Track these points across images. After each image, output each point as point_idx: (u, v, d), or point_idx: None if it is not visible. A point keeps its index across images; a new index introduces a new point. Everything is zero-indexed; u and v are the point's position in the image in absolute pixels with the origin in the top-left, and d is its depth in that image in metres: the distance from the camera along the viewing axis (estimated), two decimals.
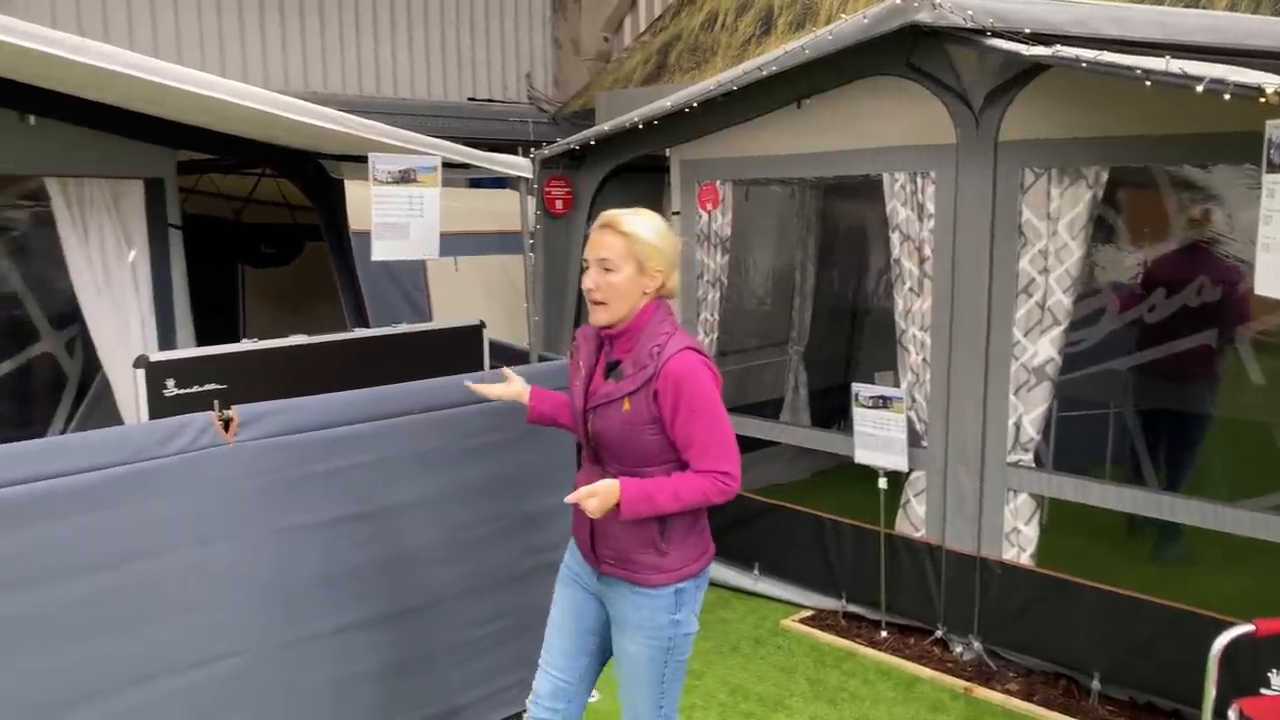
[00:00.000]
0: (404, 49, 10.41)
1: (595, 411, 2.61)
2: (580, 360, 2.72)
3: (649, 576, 2.63)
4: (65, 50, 2.95)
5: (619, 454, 2.60)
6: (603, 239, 2.58)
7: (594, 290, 2.57)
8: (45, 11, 8.04)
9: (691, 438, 2.52)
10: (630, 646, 2.73)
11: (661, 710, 2.79)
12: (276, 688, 3.09)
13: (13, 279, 6.49)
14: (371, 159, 3.47)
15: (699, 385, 2.51)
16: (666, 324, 2.60)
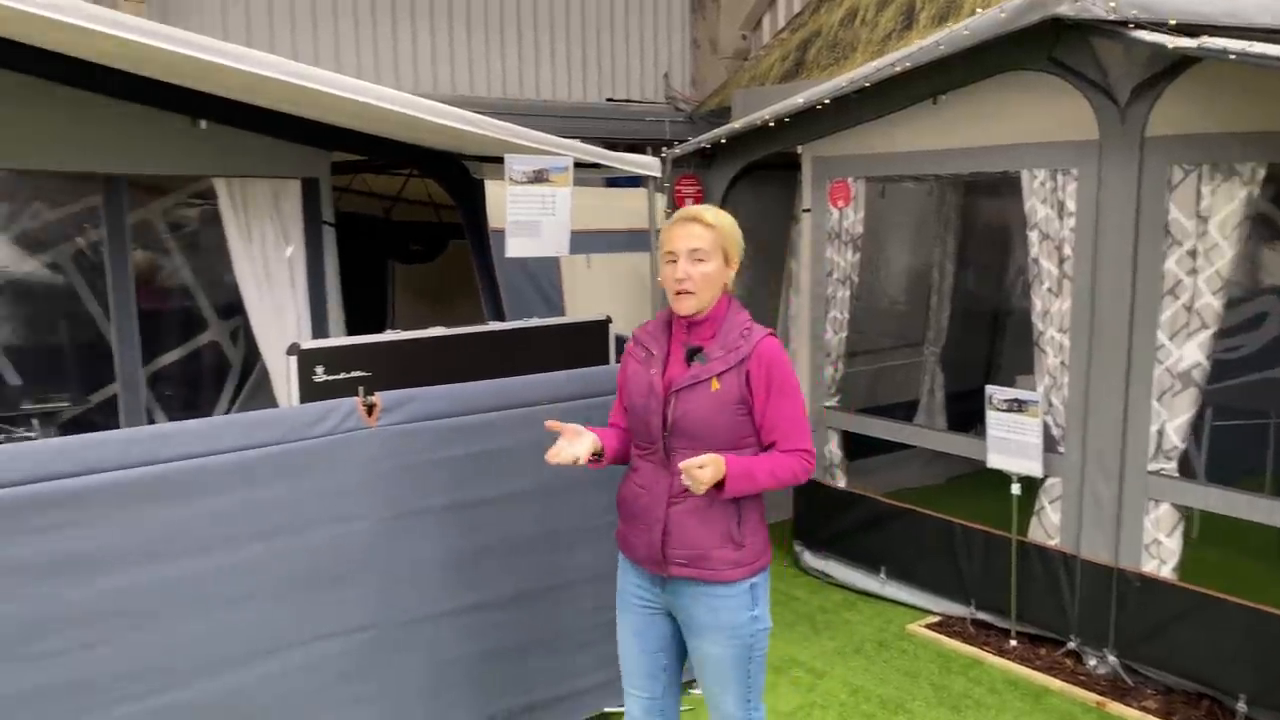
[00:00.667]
0: (546, 53, 10.68)
1: (679, 395, 2.61)
2: (652, 351, 2.73)
3: (725, 573, 2.63)
4: (232, 60, 3.20)
5: (697, 437, 2.59)
6: (691, 231, 2.64)
7: (685, 280, 2.61)
8: (217, 23, 8.62)
9: (781, 417, 2.61)
10: (712, 650, 2.71)
11: (749, 703, 2.79)
12: (404, 662, 3.27)
13: (184, 273, 7.00)
14: (507, 160, 3.61)
15: (787, 367, 2.64)
16: (744, 313, 2.70)
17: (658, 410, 2.64)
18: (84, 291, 6.63)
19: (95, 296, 6.60)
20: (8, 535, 2.54)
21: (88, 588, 2.67)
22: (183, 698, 2.85)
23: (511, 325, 3.97)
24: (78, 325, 6.61)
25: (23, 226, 6.39)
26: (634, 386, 2.73)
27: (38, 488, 2.58)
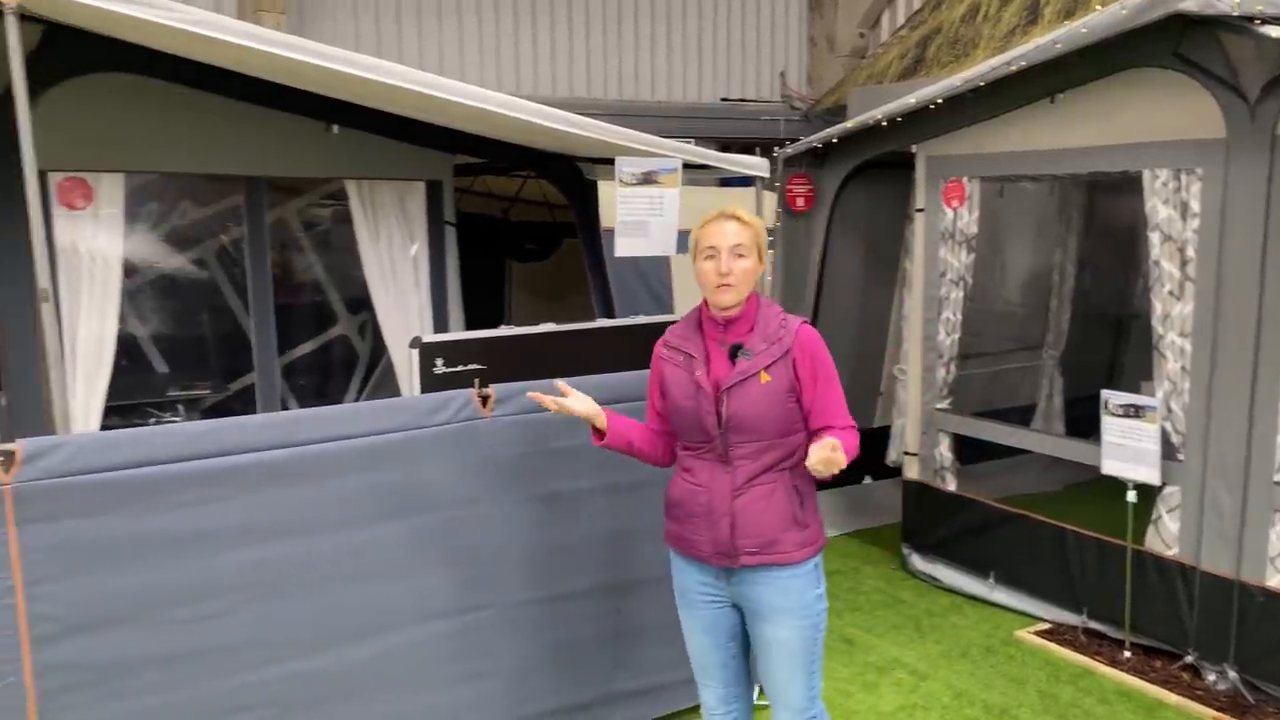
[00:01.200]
0: (661, 53, 10.80)
1: (730, 392, 2.66)
2: (690, 353, 2.76)
3: (794, 554, 2.71)
4: (366, 71, 3.40)
5: (754, 430, 2.65)
6: (728, 228, 2.72)
7: (729, 275, 2.67)
8: (349, 29, 9.03)
9: (829, 399, 2.72)
10: (782, 632, 2.75)
11: (813, 692, 2.83)
12: (506, 644, 3.41)
13: (317, 269, 7.38)
14: (618, 162, 3.73)
15: (827, 353, 2.75)
16: (775, 305, 2.80)
17: (710, 410, 2.68)
18: (225, 286, 7.07)
19: (235, 291, 7.03)
20: (157, 509, 2.78)
21: (226, 560, 2.89)
22: (307, 667, 3.06)
23: (619, 322, 4.09)
24: (219, 318, 7.04)
25: (172, 224, 6.84)
26: (679, 390, 2.75)
27: (185, 466, 2.82)
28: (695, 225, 2.84)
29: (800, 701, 2.82)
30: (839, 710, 3.99)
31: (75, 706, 2.72)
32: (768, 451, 2.68)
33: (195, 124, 4.45)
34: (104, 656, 2.74)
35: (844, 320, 6.19)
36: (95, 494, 2.69)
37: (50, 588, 2.66)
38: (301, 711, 3.06)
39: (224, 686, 2.92)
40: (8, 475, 2.58)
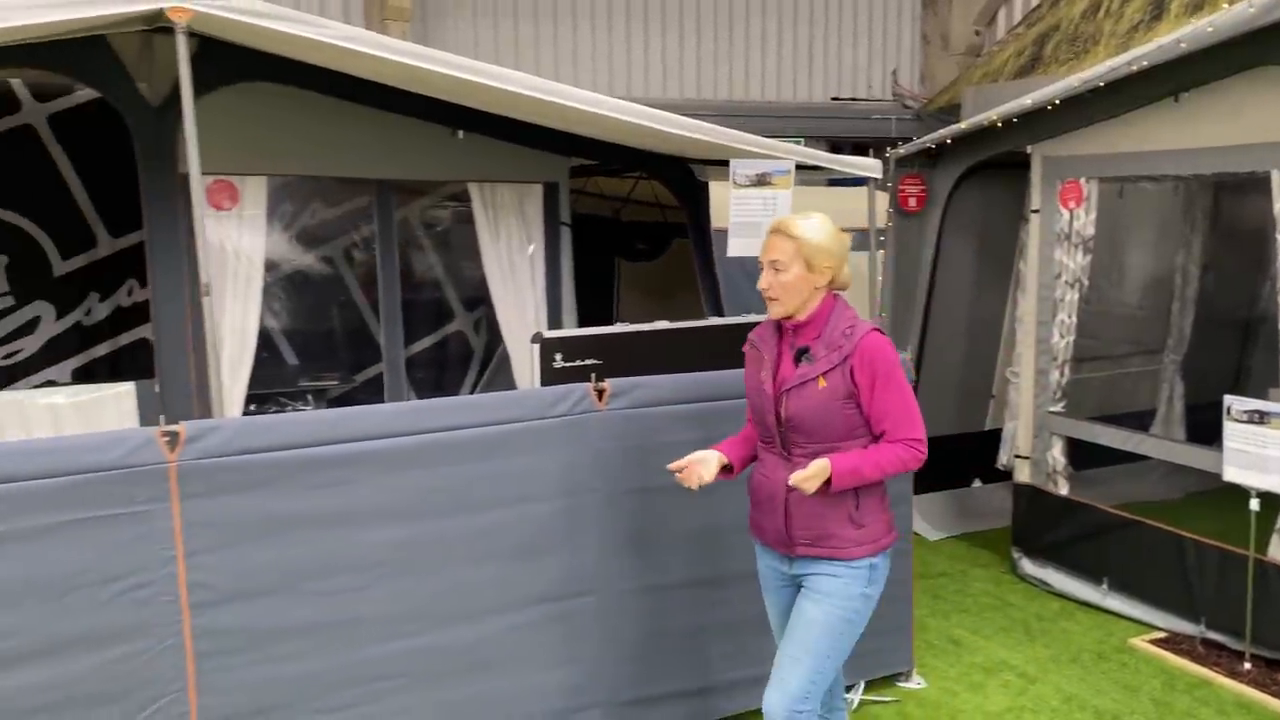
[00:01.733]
0: (772, 54, 10.83)
1: (789, 394, 2.77)
2: (763, 354, 2.89)
3: (848, 550, 2.78)
4: (490, 79, 3.58)
5: (812, 432, 2.75)
6: (774, 242, 2.80)
7: (767, 289, 2.78)
8: (468, 36, 9.34)
9: (887, 409, 2.73)
10: (813, 610, 2.83)
11: (813, 686, 2.84)
12: (616, 629, 3.54)
13: (436, 268, 7.69)
14: (732, 164, 3.83)
15: (891, 360, 2.75)
16: (849, 311, 2.83)
17: (771, 409, 2.81)
18: (351, 283, 7.42)
19: (361, 288, 7.38)
20: (300, 489, 3.01)
21: (362, 538, 3.10)
22: (431, 642, 3.25)
23: (730, 320, 4.18)
24: (346, 313, 7.41)
25: (302, 224, 7.21)
26: (751, 386, 2.91)
27: (325, 449, 3.03)
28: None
29: (795, 688, 2.82)
30: (945, 709, 4.01)
31: (228, 669, 2.96)
32: (826, 452, 2.74)
33: (331, 129, 4.72)
34: (254, 623, 2.97)
35: (955, 322, 6.15)
36: (247, 473, 2.92)
37: (207, 558, 2.90)
38: (426, 683, 3.25)
39: (359, 656, 3.13)
40: (173, 454, 2.82)
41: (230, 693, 2.97)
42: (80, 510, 2.74)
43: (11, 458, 2.71)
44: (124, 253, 6.84)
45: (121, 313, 6.89)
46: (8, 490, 2.66)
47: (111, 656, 2.82)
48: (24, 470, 2.68)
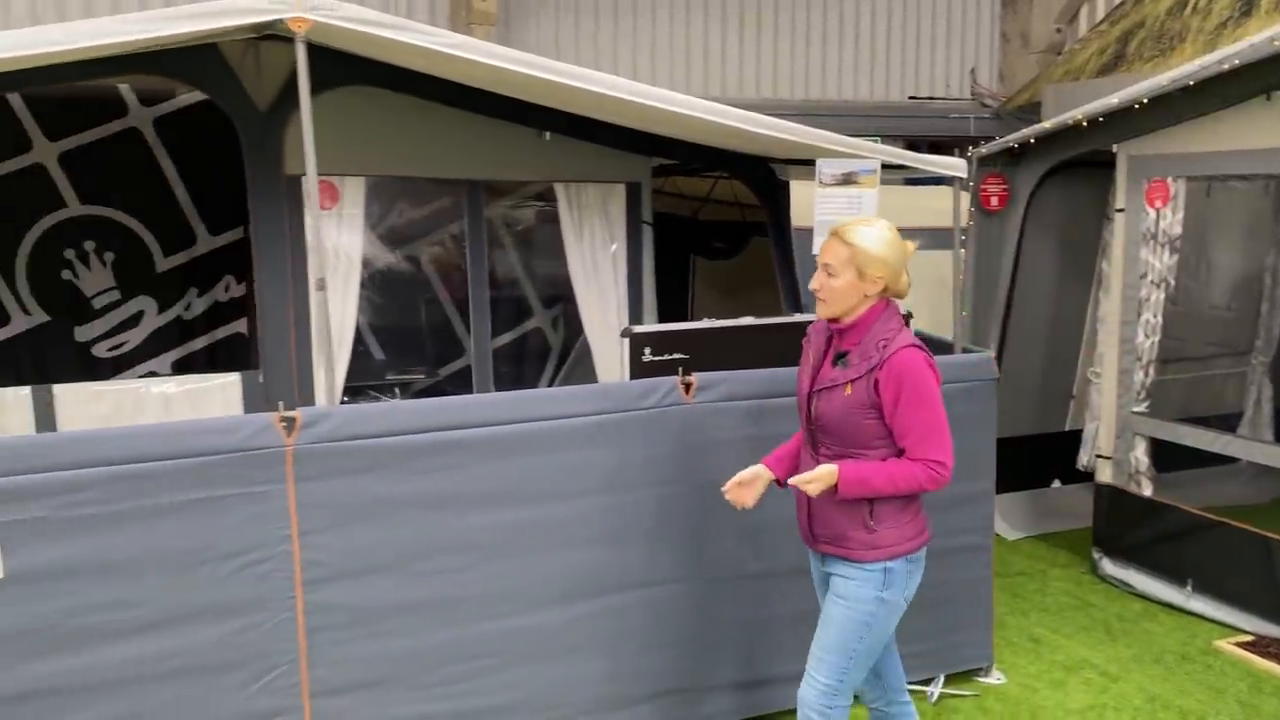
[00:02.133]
0: (849, 52, 10.82)
1: (819, 394, 2.86)
2: (810, 351, 2.97)
3: (860, 553, 2.85)
4: (583, 82, 3.69)
5: (835, 435, 2.83)
6: (830, 246, 2.84)
7: (818, 290, 2.85)
8: (550, 37, 9.51)
9: (909, 427, 2.75)
10: (832, 611, 2.92)
11: (841, 685, 2.90)
12: (697, 617, 3.64)
13: (516, 266, 7.88)
14: (819, 164, 3.90)
15: (919, 379, 2.75)
16: (893, 322, 2.83)
17: (804, 406, 2.93)
18: (435, 281, 7.65)
19: (444, 285, 7.60)
20: (404, 474, 3.16)
21: (462, 521, 3.25)
22: (526, 623, 3.38)
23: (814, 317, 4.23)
24: (430, 310, 7.64)
25: (390, 224, 7.45)
26: (797, 380, 3.02)
27: (429, 436, 3.18)
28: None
29: (823, 684, 2.91)
30: (1025, 705, 4.03)
31: (337, 643, 3.13)
32: (848, 456, 2.81)
33: (425, 132, 4.90)
34: (361, 601, 3.14)
35: (1036, 321, 6.13)
36: (357, 458, 3.09)
37: (319, 538, 3.07)
38: (520, 663, 3.39)
39: (458, 635, 3.28)
40: (290, 438, 3.00)
41: (339, 666, 3.14)
42: (204, 490, 2.93)
43: (142, 439, 2.91)
44: (221, 250, 7.15)
45: (218, 307, 7.19)
46: (139, 470, 2.85)
47: (230, 628, 3.00)
48: (154, 451, 2.88)
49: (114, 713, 2.90)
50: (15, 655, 2.78)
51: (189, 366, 6.83)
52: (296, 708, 3.11)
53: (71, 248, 6.78)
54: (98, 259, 6.87)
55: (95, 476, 2.80)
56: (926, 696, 4.06)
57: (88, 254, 6.84)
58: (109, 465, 2.82)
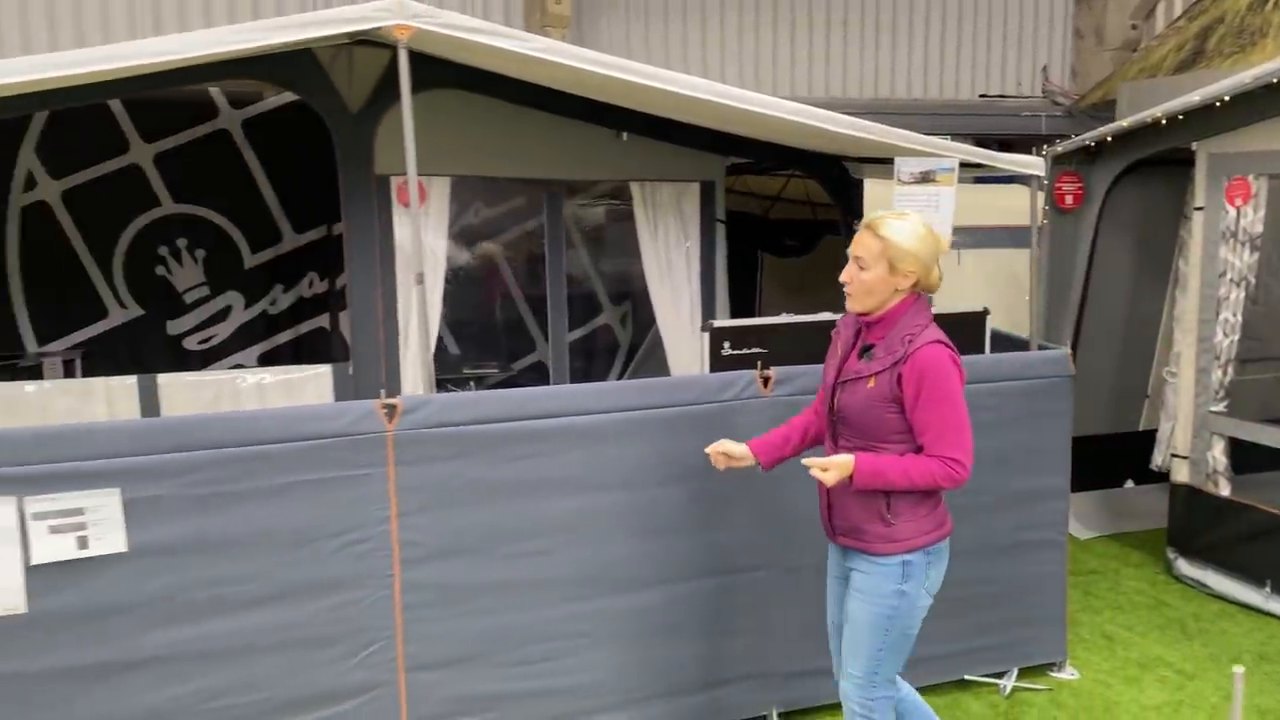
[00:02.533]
0: (919, 49, 10.79)
1: (844, 386, 2.88)
2: (839, 343, 2.99)
3: (877, 545, 2.86)
4: (664, 83, 3.79)
5: (856, 427, 2.85)
6: (862, 238, 2.84)
7: (848, 283, 2.85)
8: (621, 39, 9.65)
9: (928, 423, 2.75)
10: (855, 608, 2.94)
11: (876, 677, 2.94)
12: (789, 603, 3.72)
13: (587, 264, 8.03)
14: (897, 163, 3.96)
15: (942, 375, 2.74)
16: (921, 317, 2.82)
17: (828, 398, 2.95)
18: (509, 278, 7.83)
19: (517, 282, 7.78)
20: (496, 460, 3.30)
21: (550, 506, 3.38)
22: (609, 605, 3.50)
23: None
24: (505, 306, 7.83)
25: (466, 222, 7.65)
26: (825, 371, 3.03)
27: (517, 425, 3.32)
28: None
29: (859, 676, 2.96)
30: (1099, 700, 4.05)
31: (431, 619, 3.28)
32: (867, 449, 2.82)
33: (507, 133, 5.05)
34: (455, 579, 3.29)
35: (1111, 320, 6.09)
36: (453, 444, 3.24)
37: (416, 519, 3.22)
38: (605, 644, 3.51)
39: (544, 615, 3.42)
40: (390, 424, 3.16)
41: (433, 642, 3.29)
42: (310, 472, 3.10)
43: (255, 424, 3.09)
44: (305, 248, 7.42)
45: (302, 303, 7.46)
46: (252, 452, 3.04)
47: (333, 603, 3.17)
48: (266, 435, 3.06)
49: (225, 680, 3.08)
50: (137, 624, 2.97)
51: (274, 359, 7.10)
52: (392, 681, 3.26)
53: (165, 245, 7.11)
54: (189, 255, 7.18)
55: (212, 458, 2.99)
56: (999, 690, 4.10)
57: (180, 251, 7.15)
58: (224, 448, 3.00)
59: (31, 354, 6.69)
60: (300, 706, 3.17)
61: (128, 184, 6.95)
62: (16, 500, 2.82)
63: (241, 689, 3.10)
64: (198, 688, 3.05)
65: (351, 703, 3.22)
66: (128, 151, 6.92)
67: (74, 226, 6.94)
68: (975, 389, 3.81)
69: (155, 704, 3.02)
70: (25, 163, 6.75)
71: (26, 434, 2.92)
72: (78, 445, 2.91)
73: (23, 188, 6.77)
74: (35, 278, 6.87)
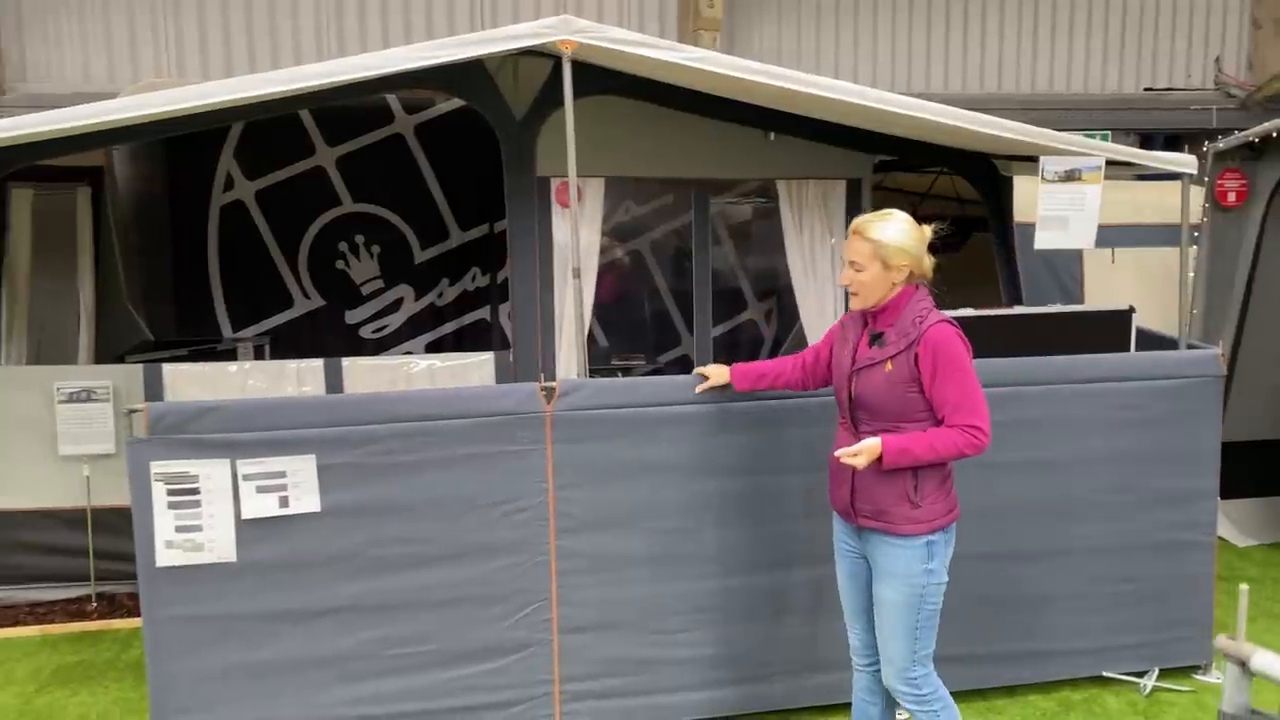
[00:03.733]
0: (1081, 42, 10.49)
1: (860, 373, 3.03)
2: (849, 335, 3.14)
3: (903, 527, 2.97)
4: (814, 88, 3.97)
5: (877, 411, 2.99)
6: (853, 243, 3.04)
7: (850, 284, 3.04)
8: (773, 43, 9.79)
9: (947, 396, 2.91)
10: (887, 593, 3.04)
11: (916, 655, 3.05)
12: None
13: (732, 260, 8.23)
14: (1042, 161, 4.00)
15: (955, 351, 2.94)
16: (924, 303, 3.03)
17: (845, 386, 3.08)
18: (656, 274, 8.13)
19: (663, 277, 8.07)
20: (645, 441, 3.54)
21: (691, 487, 3.61)
22: (747, 583, 3.70)
23: (1032, 310, 4.33)
24: (652, 300, 8.13)
25: (617, 220, 7.98)
26: (835, 363, 3.18)
27: (667, 409, 3.56)
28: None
29: (901, 660, 3.05)
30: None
31: (583, 587, 3.56)
32: (890, 431, 2.95)
33: (658, 134, 5.31)
34: (605, 550, 3.56)
35: (1276, 323, 5.87)
36: (606, 425, 3.51)
37: (571, 492, 3.51)
38: (738, 619, 3.72)
39: (685, 589, 3.65)
40: (549, 405, 3.46)
41: (583, 607, 3.57)
42: (477, 446, 3.44)
43: (429, 401, 3.47)
44: (470, 244, 7.92)
45: (466, 296, 7.96)
46: (428, 427, 3.39)
47: (496, 566, 3.49)
48: (440, 411, 3.41)
49: (400, 631, 3.45)
50: (327, 576, 3.37)
51: (438, 349, 7.61)
52: (546, 641, 3.56)
53: (344, 241, 7.74)
54: (366, 251, 7.78)
55: (393, 431, 3.36)
56: (1139, 689, 4.09)
57: (358, 246, 7.76)
58: (404, 422, 3.36)
59: (227, 339, 7.40)
60: (466, 659, 3.50)
61: (313, 185, 7.60)
62: (230, 462, 3.25)
63: (416, 639, 3.46)
64: (379, 635, 3.42)
65: (511, 658, 3.54)
66: (314, 155, 7.56)
67: (265, 224, 7.63)
68: (1115, 387, 3.88)
69: (342, 648, 3.41)
70: (225, 165, 7.47)
71: (238, 406, 3.36)
72: (280, 416, 3.33)
73: (222, 188, 7.49)
74: (231, 271, 7.60)
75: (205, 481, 3.24)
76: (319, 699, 3.40)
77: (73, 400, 4.87)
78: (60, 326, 6.06)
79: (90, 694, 4.15)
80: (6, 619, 4.85)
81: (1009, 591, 3.95)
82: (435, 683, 3.48)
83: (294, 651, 3.37)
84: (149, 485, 3.21)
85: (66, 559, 4.98)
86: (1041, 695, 4.08)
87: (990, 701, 4.04)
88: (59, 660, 4.46)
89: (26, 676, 4.31)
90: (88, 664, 4.42)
